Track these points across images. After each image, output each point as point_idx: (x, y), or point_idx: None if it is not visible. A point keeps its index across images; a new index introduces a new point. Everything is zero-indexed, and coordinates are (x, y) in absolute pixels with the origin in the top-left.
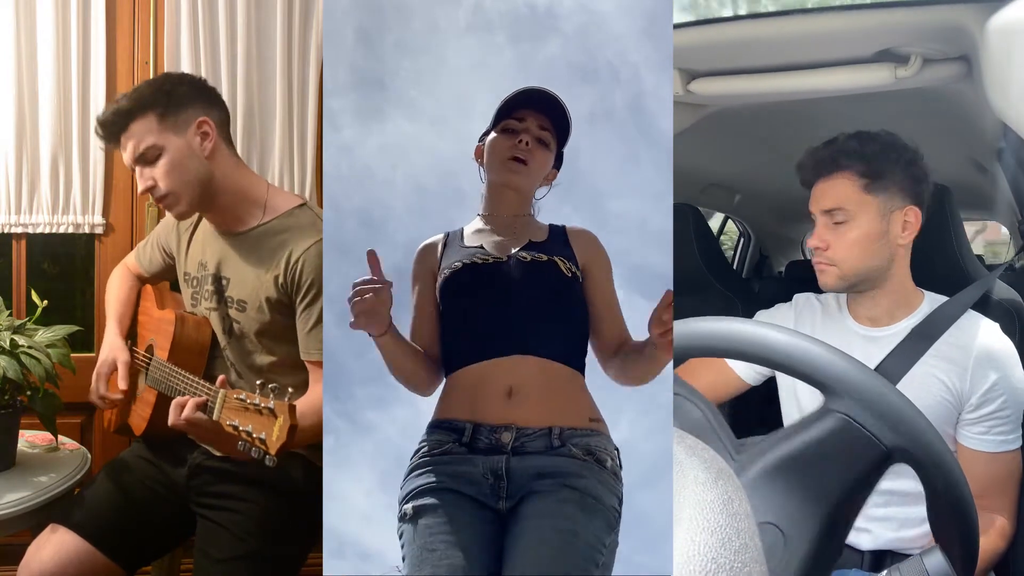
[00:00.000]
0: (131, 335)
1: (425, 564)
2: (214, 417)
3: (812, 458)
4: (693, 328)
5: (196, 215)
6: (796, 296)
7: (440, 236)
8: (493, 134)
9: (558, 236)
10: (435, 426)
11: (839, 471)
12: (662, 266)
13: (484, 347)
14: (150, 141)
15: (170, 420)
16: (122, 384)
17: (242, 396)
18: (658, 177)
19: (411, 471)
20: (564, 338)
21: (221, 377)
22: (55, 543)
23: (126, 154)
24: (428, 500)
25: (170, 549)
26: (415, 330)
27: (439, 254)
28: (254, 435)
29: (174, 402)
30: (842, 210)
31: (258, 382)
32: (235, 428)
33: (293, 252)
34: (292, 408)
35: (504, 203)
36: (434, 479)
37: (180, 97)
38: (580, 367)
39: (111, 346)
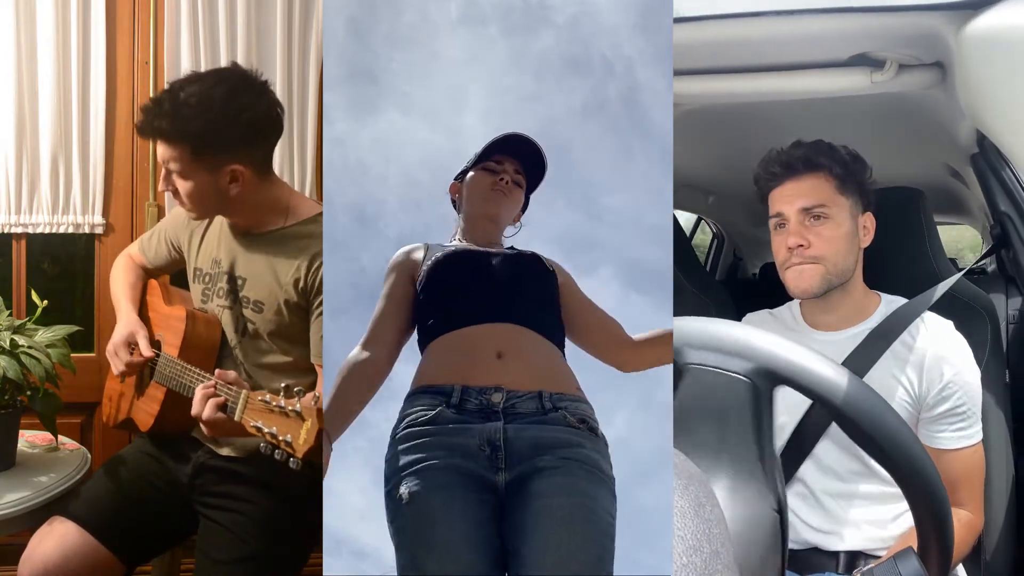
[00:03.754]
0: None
1: (430, 559)
2: (236, 418)
3: None
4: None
5: None
6: (747, 316)
7: (420, 244)
8: (472, 173)
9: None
10: (419, 392)
11: None
12: (658, 262)
13: (472, 314)
14: (176, 168)
15: (193, 411)
16: (146, 352)
17: (266, 398)
18: (652, 171)
19: (400, 442)
20: (547, 317)
21: (233, 373)
22: (58, 534)
23: (159, 157)
24: (424, 481)
25: (171, 546)
26: (383, 317)
27: (421, 255)
28: (279, 437)
29: (199, 390)
30: (823, 207)
31: (283, 384)
32: (258, 429)
33: (316, 258)
34: (320, 411)
35: (481, 232)
36: (427, 454)
37: (223, 142)
38: (561, 348)
39: (128, 321)
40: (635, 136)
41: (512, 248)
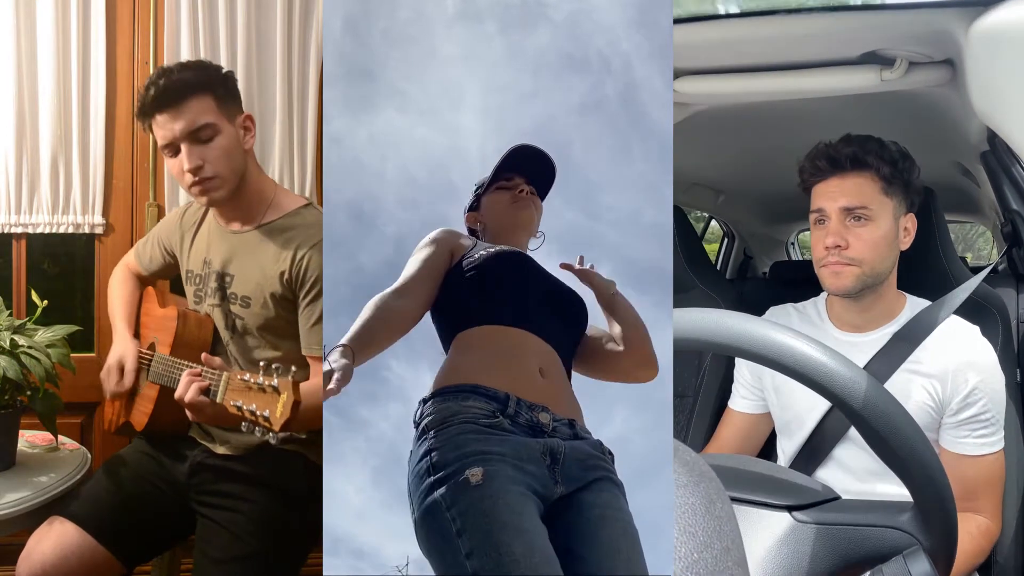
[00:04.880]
0: (134, 335)
1: (515, 542)
2: (218, 399)
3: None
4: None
5: (200, 214)
6: (771, 309)
7: (466, 234)
8: (486, 197)
9: None
10: (469, 391)
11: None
12: (657, 259)
13: (521, 316)
14: (209, 119)
15: (177, 394)
16: (127, 381)
17: (246, 377)
18: (650, 170)
19: (458, 433)
20: (571, 356)
21: (219, 359)
22: (56, 534)
23: (176, 125)
24: (498, 469)
25: (170, 546)
26: (419, 278)
27: (468, 243)
28: (257, 413)
29: (185, 375)
30: (866, 208)
31: (261, 363)
32: (239, 408)
33: (299, 249)
34: (296, 384)
35: (514, 243)
36: (497, 448)
37: (232, 88)
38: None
39: (122, 347)
40: (633, 134)
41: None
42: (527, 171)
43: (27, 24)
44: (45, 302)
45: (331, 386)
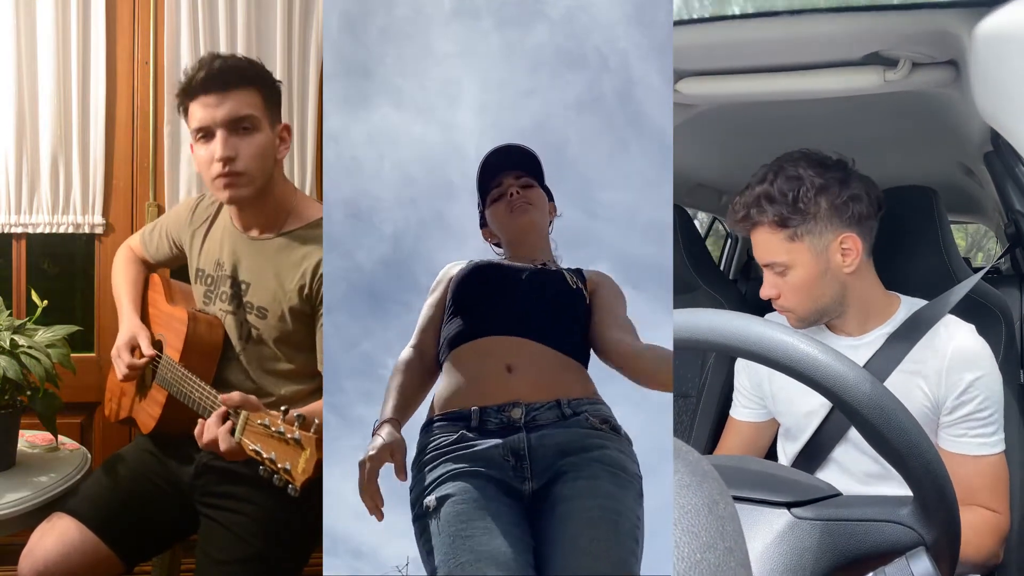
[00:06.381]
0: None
1: (461, 551)
2: (235, 437)
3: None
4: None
5: (213, 211)
6: (768, 316)
7: (465, 261)
8: (487, 212)
9: (573, 270)
10: (438, 420)
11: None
12: (655, 257)
13: (483, 326)
14: (252, 111)
15: (207, 435)
16: (148, 352)
17: (266, 421)
18: (649, 167)
19: (423, 467)
20: (565, 332)
21: (237, 396)
22: (59, 531)
23: (218, 111)
24: (451, 487)
25: (171, 545)
26: (428, 324)
27: (458, 269)
28: (278, 464)
29: (214, 417)
30: (776, 263)
31: (282, 408)
32: (257, 453)
33: (320, 264)
34: (319, 441)
35: (527, 245)
36: (453, 466)
37: (278, 95)
38: (581, 360)
39: (130, 324)
40: (631, 131)
41: (544, 264)
42: (510, 164)
43: (27, 24)
44: (45, 302)
45: (399, 474)
